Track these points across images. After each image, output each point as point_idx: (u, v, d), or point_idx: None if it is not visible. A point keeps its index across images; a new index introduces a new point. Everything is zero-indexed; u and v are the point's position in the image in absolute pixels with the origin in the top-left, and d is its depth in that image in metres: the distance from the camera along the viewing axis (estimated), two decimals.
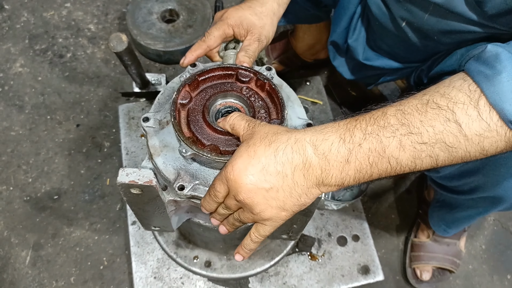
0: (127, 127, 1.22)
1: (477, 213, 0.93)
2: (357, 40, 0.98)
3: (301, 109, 0.71)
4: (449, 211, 1.01)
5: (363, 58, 0.98)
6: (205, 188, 0.62)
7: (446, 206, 1.01)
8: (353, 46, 0.99)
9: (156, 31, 1.40)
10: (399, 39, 0.86)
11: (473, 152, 0.49)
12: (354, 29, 0.98)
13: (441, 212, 1.04)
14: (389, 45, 0.93)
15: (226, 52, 0.76)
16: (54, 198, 1.19)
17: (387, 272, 1.14)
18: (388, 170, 0.51)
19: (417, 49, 0.85)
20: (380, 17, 0.86)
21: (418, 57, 0.90)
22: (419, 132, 0.49)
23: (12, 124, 1.29)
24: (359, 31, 0.98)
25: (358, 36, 0.98)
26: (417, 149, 0.49)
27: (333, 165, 0.51)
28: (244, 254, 0.64)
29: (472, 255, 1.21)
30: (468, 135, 0.47)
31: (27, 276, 1.09)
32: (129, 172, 0.57)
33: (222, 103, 0.69)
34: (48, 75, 1.39)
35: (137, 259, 1.04)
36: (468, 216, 0.97)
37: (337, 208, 1.09)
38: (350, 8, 0.96)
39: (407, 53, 0.91)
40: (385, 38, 0.92)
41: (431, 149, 0.49)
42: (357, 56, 0.99)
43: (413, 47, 0.85)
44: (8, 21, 1.49)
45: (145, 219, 0.69)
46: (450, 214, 1.01)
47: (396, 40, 0.88)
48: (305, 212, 0.62)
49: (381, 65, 0.97)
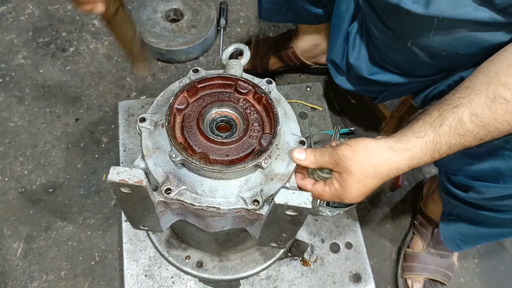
0: (126, 123, 1.22)
1: (502, 233, 0.89)
2: (359, 58, 0.97)
3: (296, 125, 0.72)
4: (468, 226, 0.95)
5: (368, 73, 0.97)
6: (191, 194, 0.63)
7: (464, 220, 0.96)
8: (356, 64, 0.98)
9: (160, 29, 1.40)
10: (405, 56, 0.85)
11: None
12: (353, 47, 0.97)
13: (458, 226, 0.98)
14: (395, 61, 0.91)
15: (229, 62, 0.77)
16: (49, 191, 1.19)
17: (378, 281, 1.14)
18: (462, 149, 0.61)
19: (425, 64, 0.84)
20: (383, 38, 0.86)
21: (426, 72, 0.89)
22: (496, 129, 0.57)
23: (11, 115, 1.29)
24: (359, 49, 0.97)
25: (359, 54, 0.97)
26: (494, 137, 0.59)
27: (419, 165, 0.62)
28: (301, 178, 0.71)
29: (465, 268, 1.21)
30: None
31: (17, 268, 1.08)
32: (120, 171, 0.57)
33: (218, 112, 0.69)
34: (50, 68, 1.39)
35: (129, 256, 1.04)
36: (490, 234, 0.92)
37: (332, 215, 1.09)
38: (343, 27, 0.95)
39: (414, 68, 0.90)
40: (390, 55, 0.90)
41: (507, 131, 0.58)
42: (361, 73, 0.97)
43: (421, 63, 0.84)
44: (13, 13, 1.49)
45: (134, 218, 0.69)
46: (470, 230, 0.96)
47: (402, 57, 0.87)
48: (294, 222, 0.63)
49: (388, 80, 0.96)
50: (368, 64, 0.97)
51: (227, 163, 0.63)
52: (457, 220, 0.98)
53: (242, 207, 0.62)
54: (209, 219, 0.68)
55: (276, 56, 1.38)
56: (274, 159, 0.67)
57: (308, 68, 1.43)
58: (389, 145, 0.63)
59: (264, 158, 0.63)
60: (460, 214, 0.96)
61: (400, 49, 0.84)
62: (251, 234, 0.73)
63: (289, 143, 0.69)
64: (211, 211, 0.63)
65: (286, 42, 1.36)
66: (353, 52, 0.97)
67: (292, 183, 0.67)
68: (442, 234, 1.02)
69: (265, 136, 0.65)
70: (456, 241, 1.00)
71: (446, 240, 1.02)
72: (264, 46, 1.39)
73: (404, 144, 0.62)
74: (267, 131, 0.68)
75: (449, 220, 1.01)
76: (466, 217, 0.94)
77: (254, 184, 0.65)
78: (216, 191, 0.64)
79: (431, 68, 0.86)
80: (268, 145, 0.64)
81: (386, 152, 0.63)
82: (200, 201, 0.63)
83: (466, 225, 0.96)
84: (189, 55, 1.42)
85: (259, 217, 0.64)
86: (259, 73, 1.41)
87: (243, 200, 0.63)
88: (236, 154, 0.64)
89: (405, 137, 0.62)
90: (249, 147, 0.65)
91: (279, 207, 0.58)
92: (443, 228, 1.03)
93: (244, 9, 1.60)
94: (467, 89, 0.60)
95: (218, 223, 0.69)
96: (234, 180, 0.64)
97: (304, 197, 0.58)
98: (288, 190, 0.59)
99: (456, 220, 0.98)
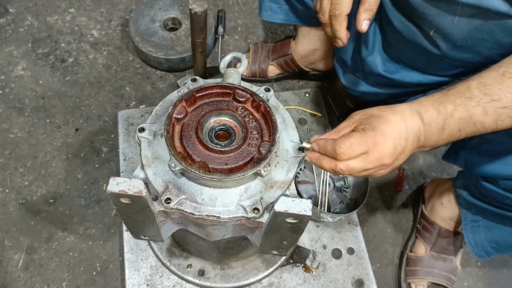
0: (126, 133, 1.22)
1: None
2: (373, 54, 0.96)
3: (295, 132, 0.72)
4: (505, 234, 0.93)
5: (383, 69, 0.97)
6: (191, 203, 0.63)
7: (500, 227, 0.93)
8: (370, 60, 0.97)
9: (158, 38, 1.41)
10: (423, 51, 0.85)
11: None
12: (366, 42, 0.95)
13: (491, 233, 0.95)
14: (411, 58, 0.92)
15: (227, 70, 0.77)
16: (50, 201, 1.18)
17: (381, 286, 1.13)
18: (474, 132, 0.63)
19: (443, 60, 0.84)
20: (403, 30, 0.85)
21: (443, 69, 0.89)
22: (499, 99, 0.59)
23: (11, 127, 1.30)
24: (372, 44, 0.96)
25: (372, 49, 0.96)
26: (498, 112, 0.60)
27: (434, 131, 0.63)
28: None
29: (468, 271, 1.20)
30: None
31: (19, 279, 1.08)
32: (120, 182, 0.57)
33: (216, 121, 0.69)
34: (49, 79, 1.40)
35: (130, 265, 1.03)
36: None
37: (333, 221, 1.09)
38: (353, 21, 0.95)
39: (431, 65, 0.90)
40: (406, 51, 0.90)
41: (511, 111, 0.60)
42: (375, 69, 0.97)
43: (439, 58, 0.84)
44: (12, 24, 1.50)
45: (134, 228, 0.69)
46: (507, 237, 0.93)
47: (419, 53, 0.87)
48: (295, 230, 0.63)
49: (403, 78, 0.95)
50: (384, 60, 0.97)
51: (226, 172, 0.63)
52: (488, 227, 0.96)
53: (242, 216, 0.62)
54: (209, 228, 0.67)
55: (274, 63, 1.38)
56: (273, 167, 0.67)
57: (306, 74, 1.43)
58: None
59: (264, 166, 0.63)
60: (496, 221, 0.94)
61: (420, 42, 0.84)
62: (252, 242, 0.73)
63: (288, 150, 0.70)
64: (211, 220, 0.63)
65: (285, 49, 1.36)
66: (367, 48, 0.96)
67: (292, 191, 0.67)
68: (468, 241, 1.00)
69: (264, 144, 0.65)
70: (487, 248, 0.98)
71: (475, 247, 1.00)
72: (263, 53, 1.40)
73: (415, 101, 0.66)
74: (266, 138, 0.68)
75: (476, 227, 0.99)
76: (503, 223, 0.92)
77: (254, 192, 0.65)
78: (216, 199, 0.64)
79: (448, 65, 0.86)
80: (267, 153, 0.64)
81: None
82: (200, 210, 0.63)
83: (503, 233, 0.94)
84: (188, 63, 1.42)
85: (260, 225, 0.64)
86: (258, 80, 1.41)
87: (243, 208, 0.63)
88: (235, 162, 0.64)
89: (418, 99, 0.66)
90: (248, 155, 0.65)
91: (279, 215, 0.58)
92: (469, 235, 1.00)
93: (241, 17, 1.61)
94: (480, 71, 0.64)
95: (219, 231, 0.69)
96: (234, 189, 0.64)
97: (304, 204, 0.58)
98: (288, 198, 0.59)
99: (487, 227, 0.96)
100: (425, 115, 0.63)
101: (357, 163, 0.62)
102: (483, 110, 0.60)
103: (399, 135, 0.62)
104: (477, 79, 0.62)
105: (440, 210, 1.12)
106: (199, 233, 0.70)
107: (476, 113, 0.61)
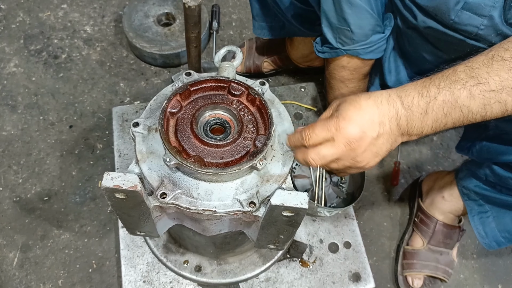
0: (120, 129, 1.21)
1: None
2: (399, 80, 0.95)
3: (291, 125, 0.72)
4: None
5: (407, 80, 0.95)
6: (187, 197, 0.62)
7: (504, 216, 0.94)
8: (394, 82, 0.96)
9: (152, 34, 1.40)
10: None
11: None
12: (389, 70, 0.95)
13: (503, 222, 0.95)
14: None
15: (222, 64, 0.76)
16: (44, 199, 1.18)
17: (378, 279, 1.13)
18: (461, 119, 0.59)
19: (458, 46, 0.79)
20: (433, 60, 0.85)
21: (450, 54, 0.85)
22: (486, 82, 0.56)
23: (4, 124, 1.28)
24: (396, 71, 0.95)
25: (397, 75, 0.95)
26: (486, 96, 0.57)
27: (416, 116, 0.60)
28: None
29: (464, 264, 1.20)
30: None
31: (14, 278, 1.07)
32: (114, 177, 0.56)
33: (211, 115, 0.69)
34: (42, 75, 1.38)
35: (126, 262, 1.03)
36: None
37: (330, 215, 1.09)
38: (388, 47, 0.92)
39: None
40: None
41: (499, 95, 0.56)
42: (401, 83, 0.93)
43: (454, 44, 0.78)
44: (4, 21, 1.48)
45: (130, 224, 0.69)
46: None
47: None
48: (291, 223, 0.63)
49: None
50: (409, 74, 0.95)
51: (222, 166, 0.63)
52: (499, 217, 0.96)
53: (238, 210, 0.62)
54: (205, 222, 0.67)
55: (269, 60, 1.38)
56: (269, 160, 0.67)
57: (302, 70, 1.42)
58: None
59: (259, 160, 0.63)
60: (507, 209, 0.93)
61: None
62: (249, 237, 0.72)
63: (284, 144, 0.69)
64: (207, 215, 0.63)
65: (280, 47, 1.36)
66: (391, 75, 0.96)
67: (288, 184, 0.67)
68: (478, 232, 1.00)
69: (260, 138, 0.65)
70: (498, 238, 0.98)
71: (485, 238, 0.99)
72: (258, 48, 1.39)
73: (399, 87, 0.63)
74: (262, 132, 0.67)
75: (485, 218, 0.99)
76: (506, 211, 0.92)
77: (250, 186, 0.64)
78: (212, 194, 0.63)
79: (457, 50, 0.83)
80: (263, 147, 0.64)
81: None
82: (196, 204, 0.62)
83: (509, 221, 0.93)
84: (182, 59, 1.41)
85: (256, 219, 0.64)
86: (252, 76, 1.40)
87: (239, 202, 0.62)
88: (231, 156, 0.64)
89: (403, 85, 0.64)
90: (243, 149, 0.65)
91: (276, 208, 0.58)
92: (478, 226, 1.00)
93: (236, 12, 1.60)
94: None
95: (215, 226, 0.68)
96: (230, 183, 0.64)
97: (300, 197, 0.58)
98: (284, 191, 0.58)
99: (498, 217, 0.96)
100: (405, 99, 0.61)
101: (326, 148, 0.62)
102: (469, 93, 0.57)
103: (370, 119, 0.61)
104: (464, 63, 0.59)
105: (441, 203, 1.12)
106: (195, 228, 0.70)
107: (462, 96, 0.58)
